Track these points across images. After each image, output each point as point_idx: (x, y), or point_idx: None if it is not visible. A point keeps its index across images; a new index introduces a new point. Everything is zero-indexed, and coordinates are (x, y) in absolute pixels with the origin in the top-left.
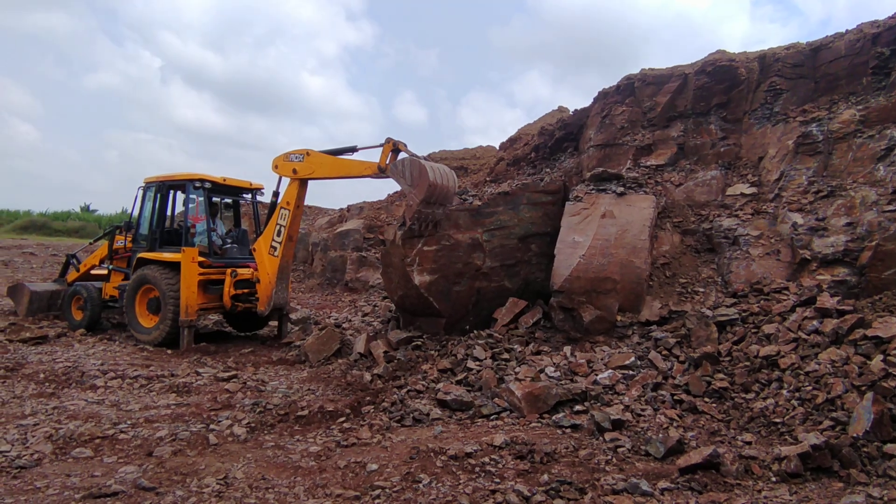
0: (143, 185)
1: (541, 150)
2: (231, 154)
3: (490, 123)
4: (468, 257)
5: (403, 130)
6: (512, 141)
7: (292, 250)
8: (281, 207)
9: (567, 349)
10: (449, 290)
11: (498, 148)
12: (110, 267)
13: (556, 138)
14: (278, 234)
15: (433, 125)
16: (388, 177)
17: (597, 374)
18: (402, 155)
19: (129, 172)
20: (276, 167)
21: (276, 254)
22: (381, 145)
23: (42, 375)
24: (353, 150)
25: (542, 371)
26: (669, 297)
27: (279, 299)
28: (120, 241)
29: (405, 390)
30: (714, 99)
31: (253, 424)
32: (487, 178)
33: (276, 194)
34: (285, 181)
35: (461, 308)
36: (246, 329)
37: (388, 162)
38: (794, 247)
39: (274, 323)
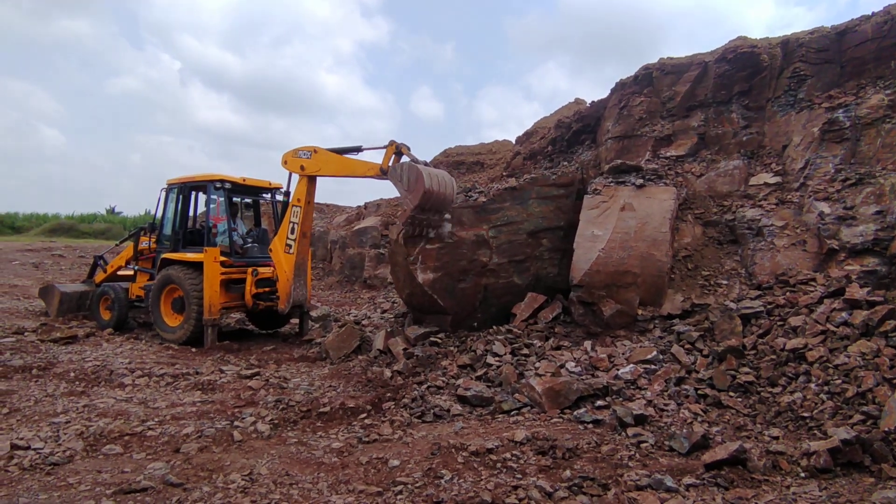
0: (166, 186)
1: (558, 143)
2: (250, 154)
3: (507, 117)
4: (473, 254)
5: (420, 126)
6: (528, 135)
7: (307, 247)
8: (292, 205)
9: (588, 344)
10: (454, 288)
11: (514, 142)
12: (136, 268)
13: (574, 131)
14: (292, 232)
15: (450, 120)
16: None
17: (618, 369)
18: (404, 158)
19: (151, 174)
20: (285, 162)
21: (291, 251)
22: (385, 147)
23: (72, 374)
24: (358, 149)
25: (562, 366)
26: (692, 290)
27: (298, 296)
28: (145, 243)
29: (425, 386)
30: (735, 87)
31: (276, 421)
32: (504, 173)
33: (287, 193)
34: (295, 179)
35: (467, 305)
36: (267, 327)
37: (389, 164)
38: (821, 236)
39: (295, 321)
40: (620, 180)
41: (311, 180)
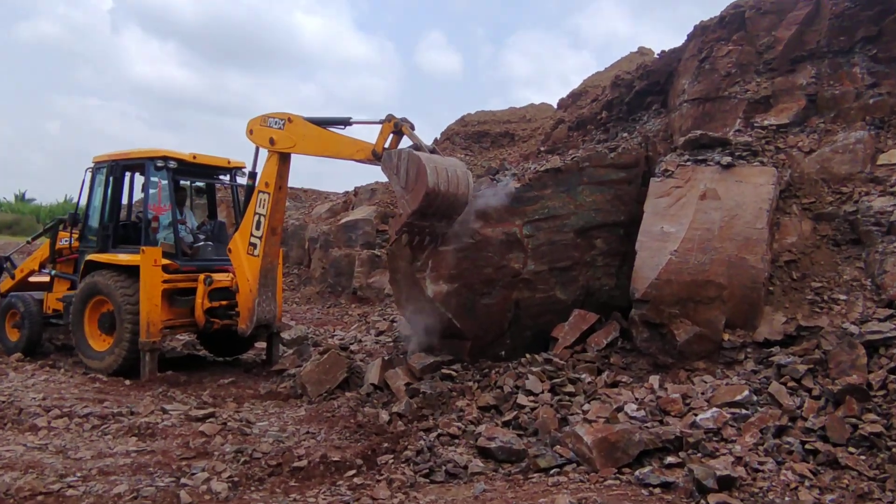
0: (92, 165)
1: (615, 107)
2: (204, 122)
3: (546, 73)
4: (501, 259)
5: (429, 85)
6: (575, 97)
7: (278, 247)
8: (259, 191)
9: (654, 380)
10: (474, 304)
11: (556, 107)
12: (53, 272)
13: (637, 91)
14: (258, 227)
15: (469, 76)
16: None
17: (696, 414)
18: (404, 141)
19: (73, 149)
20: (250, 132)
21: (256, 252)
22: (380, 122)
23: None
24: (346, 122)
25: (620, 409)
26: (798, 308)
27: (265, 313)
28: (64, 240)
29: (435, 434)
30: (859, 31)
31: (236, 478)
32: (542, 148)
33: (252, 175)
34: (264, 156)
35: (493, 327)
36: (225, 353)
37: (386, 147)
38: None
39: (261, 345)
40: (700, 158)
41: (284, 158)
